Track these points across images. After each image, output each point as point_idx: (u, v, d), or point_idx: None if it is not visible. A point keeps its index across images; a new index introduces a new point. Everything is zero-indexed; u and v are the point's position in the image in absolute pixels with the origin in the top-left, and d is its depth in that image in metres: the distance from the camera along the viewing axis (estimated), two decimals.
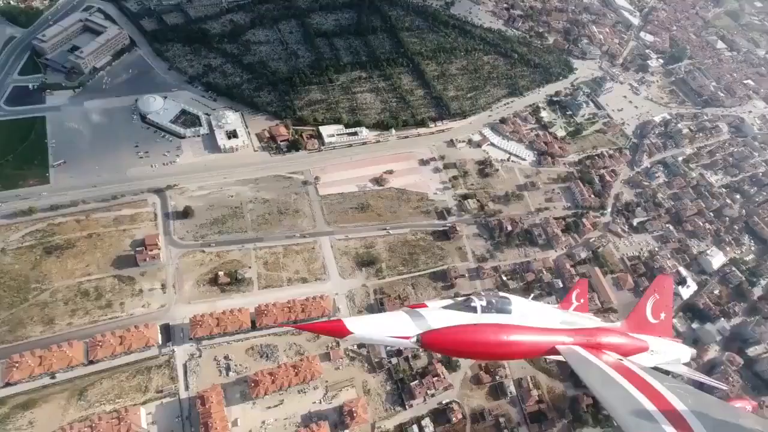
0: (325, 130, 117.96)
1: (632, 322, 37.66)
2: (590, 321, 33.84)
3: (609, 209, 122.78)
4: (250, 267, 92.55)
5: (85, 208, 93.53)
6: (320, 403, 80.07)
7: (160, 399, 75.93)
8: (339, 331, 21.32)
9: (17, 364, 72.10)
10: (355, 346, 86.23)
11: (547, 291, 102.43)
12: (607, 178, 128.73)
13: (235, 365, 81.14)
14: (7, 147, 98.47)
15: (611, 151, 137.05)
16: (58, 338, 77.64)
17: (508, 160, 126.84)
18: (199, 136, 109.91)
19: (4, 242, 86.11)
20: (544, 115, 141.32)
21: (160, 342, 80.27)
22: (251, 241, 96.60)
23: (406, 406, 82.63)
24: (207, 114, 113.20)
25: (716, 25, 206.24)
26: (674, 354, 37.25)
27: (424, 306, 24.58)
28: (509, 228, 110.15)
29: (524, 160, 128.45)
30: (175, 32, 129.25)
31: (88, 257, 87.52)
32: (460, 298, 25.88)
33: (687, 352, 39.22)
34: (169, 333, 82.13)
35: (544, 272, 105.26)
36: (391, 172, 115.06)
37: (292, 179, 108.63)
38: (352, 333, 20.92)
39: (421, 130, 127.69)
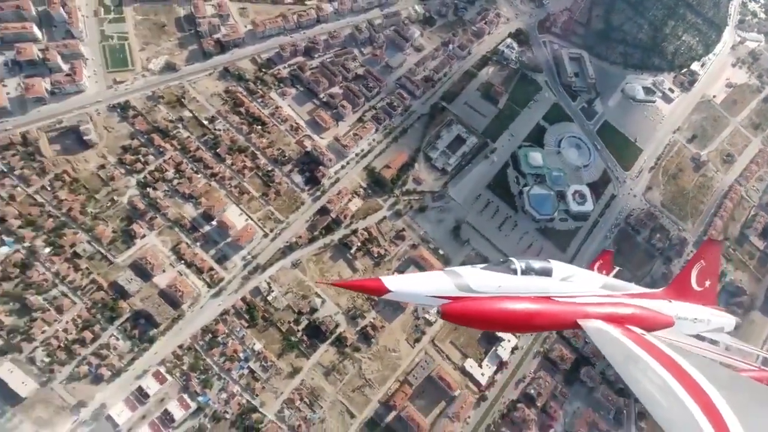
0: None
1: (675, 288, 38.18)
2: (629, 286, 34.72)
3: None
4: None
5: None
6: None
7: None
8: (378, 289, 22.00)
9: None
10: None
11: None
12: None
13: None
14: (610, 145, 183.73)
15: None
16: None
17: (758, 45, 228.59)
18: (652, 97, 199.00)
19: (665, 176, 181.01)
20: (751, 8, 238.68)
21: None
22: None
23: None
24: (651, 83, 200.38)
25: None
26: (717, 323, 38.02)
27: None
28: None
29: (762, 42, 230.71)
30: (589, 38, 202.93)
31: None
32: (500, 260, 26.69)
33: (731, 322, 40.03)
34: None
35: None
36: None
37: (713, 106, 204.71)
38: (391, 291, 21.73)
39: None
